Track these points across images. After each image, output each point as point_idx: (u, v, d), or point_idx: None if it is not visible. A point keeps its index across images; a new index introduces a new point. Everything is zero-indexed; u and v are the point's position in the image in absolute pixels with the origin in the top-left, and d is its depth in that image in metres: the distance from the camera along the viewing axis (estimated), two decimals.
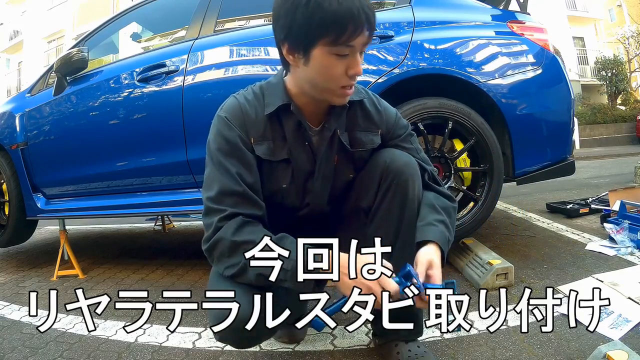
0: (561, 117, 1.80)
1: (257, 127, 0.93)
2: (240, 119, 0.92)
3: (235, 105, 0.94)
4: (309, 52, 0.83)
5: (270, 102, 0.93)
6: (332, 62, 0.82)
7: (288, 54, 0.86)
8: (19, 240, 2.54)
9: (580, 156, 8.07)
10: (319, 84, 0.87)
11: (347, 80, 0.86)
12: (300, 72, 0.88)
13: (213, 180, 0.90)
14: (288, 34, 0.83)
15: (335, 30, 0.78)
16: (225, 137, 0.91)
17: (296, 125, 0.95)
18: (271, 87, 0.96)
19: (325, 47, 0.81)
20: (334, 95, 0.89)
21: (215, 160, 0.91)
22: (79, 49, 2.05)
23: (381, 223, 0.98)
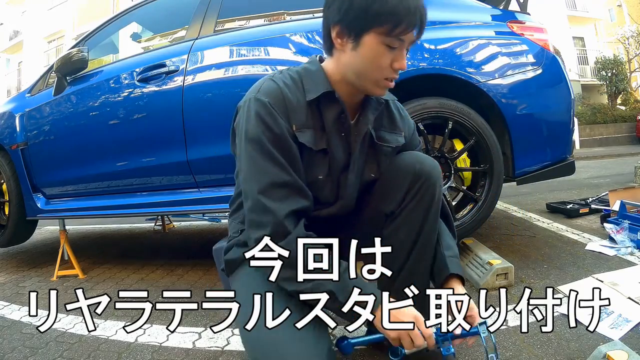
0: (561, 117, 1.80)
1: (299, 114, 0.88)
2: (282, 104, 0.87)
3: (275, 89, 0.88)
4: (360, 38, 0.83)
5: (311, 88, 0.90)
6: (382, 51, 0.83)
7: (337, 37, 0.86)
8: (19, 240, 2.54)
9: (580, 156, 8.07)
10: (364, 71, 0.86)
11: (391, 73, 0.86)
12: (345, 57, 0.87)
13: (259, 171, 0.84)
14: (343, 17, 0.83)
15: (392, 22, 0.80)
16: (267, 124, 0.84)
17: (337, 114, 0.92)
18: (310, 73, 0.92)
19: (377, 36, 0.82)
20: (375, 85, 0.88)
21: (259, 149, 0.84)
22: (79, 49, 2.05)
23: (403, 223, 0.98)
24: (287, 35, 1.83)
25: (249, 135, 0.85)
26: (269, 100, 0.86)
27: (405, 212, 0.98)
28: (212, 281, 1.86)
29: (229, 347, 1.25)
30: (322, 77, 0.91)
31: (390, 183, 1.00)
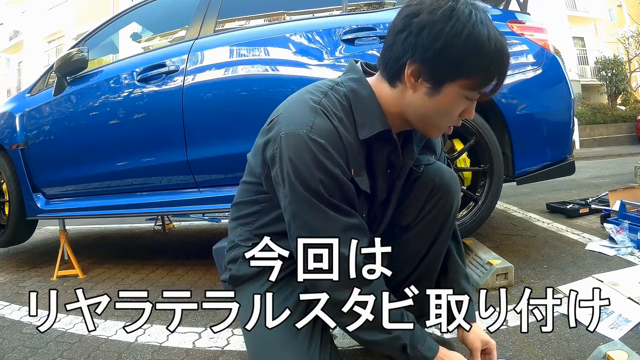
0: (561, 117, 1.80)
1: (356, 157, 0.80)
2: (340, 148, 0.77)
3: (330, 130, 0.76)
4: (441, 86, 0.73)
5: (365, 123, 0.79)
6: (459, 102, 0.76)
7: (411, 76, 0.75)
8: (19, 240, 2.54)
9: (580, 156, 8.07)
10: (431, 117, 0.79)
11: (457, 121, 0.80)
12: (414, 98, 0.77)
13: (323, 220, 0.76)
14: (429, 59, 0.72)
15: (484, 78, 0.73)
16: (330, 173, 0.75)
17: (388, 153, 0.85)
18: (361, 100, 0.81)
19: (460, 89, 0.73)
20: (434, 129, 0.82)
21: (318, 199, 0.75)
22: (79, 49, 2.06)
23: (417, 235, 0.97)
24: (287, 35, 1.83)
25: (304, 183, 0.75)
26: (327, 142, 0.75)
27: (420, 225, 0.96)
28: (212, 281, 1.86)
29: (229, 347, 1.25)
30: (377, 110, 0.80)
31: (409, 195, 0.96)
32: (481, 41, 0.69)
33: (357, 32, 1.75)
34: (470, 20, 0.69)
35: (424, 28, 0.71)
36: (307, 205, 0.76)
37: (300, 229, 0.77)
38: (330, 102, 0.79)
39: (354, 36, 1.75)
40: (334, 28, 1.79)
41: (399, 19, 0.76)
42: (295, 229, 0.78)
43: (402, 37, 0.74)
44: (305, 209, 0.76)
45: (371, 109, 0.80)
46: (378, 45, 1.71)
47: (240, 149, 1.76)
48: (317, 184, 0.74)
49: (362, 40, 1.74)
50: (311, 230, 0.76)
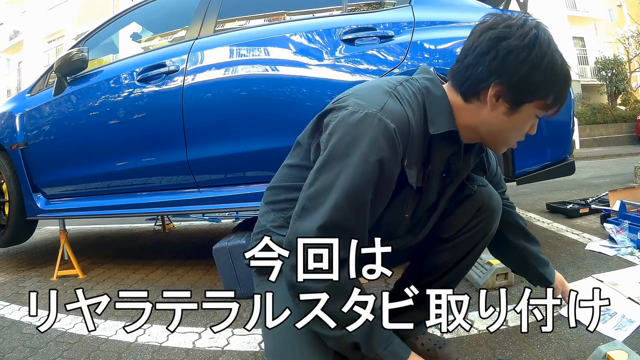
0: (561, 117, 1.77)
1: (415, 149, 0.79)
2: (405, 135, 0.75)
3: (403, 115, 0.75)
4: (519, 107, 0.78)
5: (435, 119, 0.80)
6: (530, 120, 0.81)
7: (493, 97, 0.77)
8: (19, 240, 2.54)
9: (580, 156, 8.07)
10: (504, 134, 0.82)
11: (522, 137, 0.85)
12: (491, 116, 0.79)
13: (338, 208, 0.71)
14: (513, 83, 0.75)
15: (556, 98, 0.78)
16: (384, 166, 0.72)
17: (449, 154, 0.85)
18: (434, 99, 0.82)
19: (534, 108, 0.78)
20: (502, 145, 0.86)
21: (355, 187, 0.71)
22: (79, 49, 2.06)
23: (452, 247, 1.00)
24: (287, 35, 1.83)
25: (354, 162, 0.71)
26: (396, 126, 0.73)
27: (458, 240, 0.99)
28: (212, 281, 1.86)
29: (229, 347, 1.25)
30: (448, 110, 0.81)
31: (455, 211, 0.98)
32: (557, 68, 0.76)
33: (357, 32, 1.75)
34: (550, 49, 0.75)
35: (511, 53, 0.74)
36: (339, 185, 0.71)
37: (314, 194, 0.72)
38: (405, 91, 0.80)
39: (354, 36, 1.75)
40: (334, 28, 1.79)
41: (483, 40, 0.77)
42: (304, 191, 0.74)
43: (487, 59, 0.76)
44: (331, 183, 0.71)
45: (443, 108, 0.81)
46: (378, 46, 1.71)
47: (241, 149, 1.76)
48: (365, 159, 0.70)
49: (362, 40, 1.74)
50: (317, 198, 0.72)
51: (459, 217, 0.98)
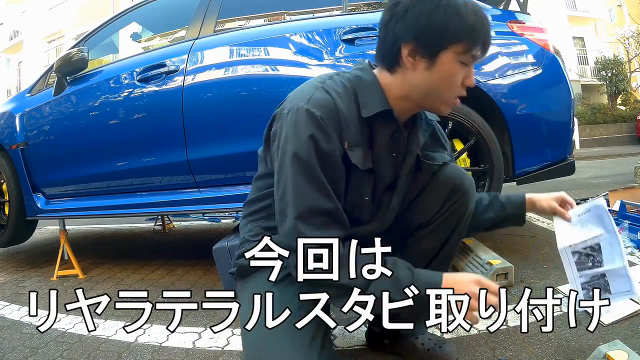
0: (561, 117, 1.80)
1: (352, 131, 0.82)
2: (336, 120, 0.80)
3: (328, 101, 0.80)
4: (436, 57, 0.79)
5: (367, 103, 0.84)
6: (457, 69, 0.80)
7: (409, 56, 0.80)
8: (19, 240, 2.54)
9: (580, 156, 8.07)
10: (436, 91, 0.83)
11: (460, 90, 0.84)
12: (416, 76, 0.82)
13: (301, 195, 0.77)
14: (419, 34, 0.78)
15: (471, 39, 0.78)
16: (318, 143, 0.77)
17: (390, 133, 0.87)
18: (364, 84, 0.86)
19: (454, 54, 0.79)
20: (444, 104, 0.85)
21: (304, 171, 0.77)
22: (79, 49, 2.06)
23: (431, 233, 0.99)
24: (287, 35, 1.83)
25: (295, 152, 0.77)
26: (322, 114, 0.78)
27: (435, 223, 0.99)
28: (212, 281, 1.86)
29: (229, 347, 1.25)
30: (379, 91, 0.85)
31: (427, 195, 0.99)
32: (458, 7, 0.77)
33: (357, 32, 1.75)
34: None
35: (407, 11, 0.80)
36: (290, 178, 0.78)
37: (280, 200, 0.80)
38: (334, 83, 0.84)
39: (354, 36, 1.75)
40: (334, 28, 1.79)
41: (385, 13, 0.85)
42: (278, 198, 0.81)
43: (391, 25, 0.82)
44: (289, 181, 0.78)
45: (373, 91, 0.85)
46: None
47: (241, 149, 1.76)
48: (307, 154, 0.77)
49: (362, 40, 1.74)
50: (282, 200, 0.79)
51: (432, 200, 0.98)
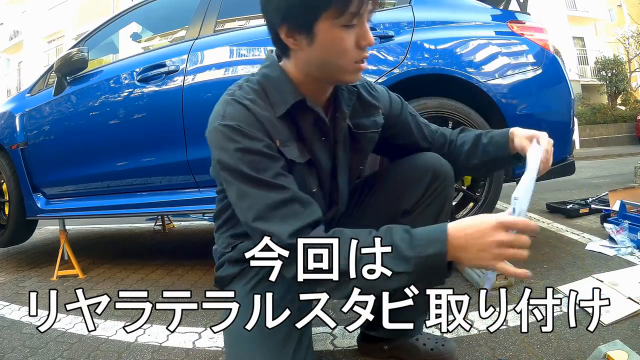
0: (561, 117, 1.80)
1: (279, 129, 0.80)
2: (255, 124, 0.78)
3: (242, 111, 0.78)
4: (312, 30, 0.74)
5: (278, 101, 0.81)
6: (341, 34, 0.74)
7: (288, 37, 0.77)
8: (19, 240, 2.54)
9: (580, 156, 8.08)
10: (329, 62, 0.77)
11: (359, 53, 0.77)
12: (304, 55, 0.79)
13: (250, 200, 0.75)
14: (286, 14, 0.74)
15: (340, 0, 0.71)
16: (245, 149, 0.75)
17: (313, 121, 0.85)
18: (273, 81, 0.83)
19: (330, 20, 0.72)
20: (347, 73, 0.79)
21: (242, 179, 0.75)
22: (79, 49, 2.06)
23: (416, 219, 0.97)
24: None
25: (229, 168, 0.76)
26: (239, 123, 0.76)
27: (420, 209, 0.98)
28: (212, 281, 1.84)
29: None
30: (287, 84, 0.82)
31: (408, 180, 0.98)
32: None
33: None
34: None
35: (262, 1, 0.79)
36: (234, 188, 0.77)
37: (236, 211, 0.79)
38: (243, 91, 0.82)
39: None
40: None
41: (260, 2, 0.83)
42: (239, 215, 0.79)
43: (265, 13, 0.80)
44: (234, 192, 0.77)
45: (281, 86, 0.82)
46: (378, 45, 1.71)
47: None
48: (236, 163, 0.75)
49: None
50: (236, 209, 0.79)
51: (414, 185, 0.97)
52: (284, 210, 0.74)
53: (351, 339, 1.23)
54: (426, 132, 1.05)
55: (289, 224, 0.72)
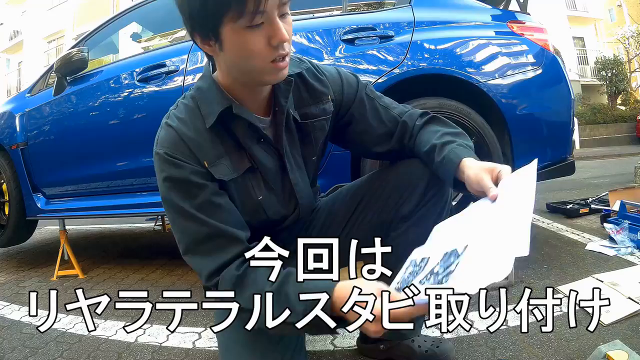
0: (561, 117, 1.80)
1: (205, 148, 0.79)
2: (181, 148, 0.78)
3: (170, 134, 0.80)
4: (219, 35, 0.72)
5: (208, 112, 0.80)
6: (246, 37, 0.70)
7: (203, 44, 0.76)
8: (19, 240, 2.54)
9: (580, 156, 8.07)
10: (243, 65, 0.75)
11: (272, 53, 0.73)
12: (222, 60, 0.78)
13: (180, 232, 0.80)
14: (193, 24, 0.73)
15: (235, 2, 0.67)
16: (171, 178, 0.77)
17: (246, 126, 0.82)
18: (203, 93, 0.83)
19: (232, 23, 0.69)
20: (265, 75, 0.76)
21: (172, 209, 0.79)
22: (79, 49, 2.06)
23: (415, 224, 0.94)
24: None
25: (160, 194, 0.80)
26: (167, 151, 0.78)
27: (419, 214, 0.95)
28: None
29: None
30: (216, 93, 0.81)
31: (405, 185, 0.94)
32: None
33: (357, 32, 1.75)
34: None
35: (179, 5, 0.75)
36: (169, 218, 0.80)
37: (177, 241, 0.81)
38: (178, 110, 0.84)
39: (354, 36, 1.75)
40: (334, 28, 1.79)
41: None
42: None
43: (184, 24, 0.78)
44: (171, 222, 0.81)
45: (211, 96, 0.81)
46: (378, 45, 1.71)
47: None
48: (166, 193, 0.78)
49: (362, 40, 1.74)
50: (179, 244, 0.81)
51: (411, 190, 0.93)
52: (208, 245, 0.77)
53: (351, 339, 1.23)
54: (384, 117, 0.95)
55: (212, 260, 0.76)
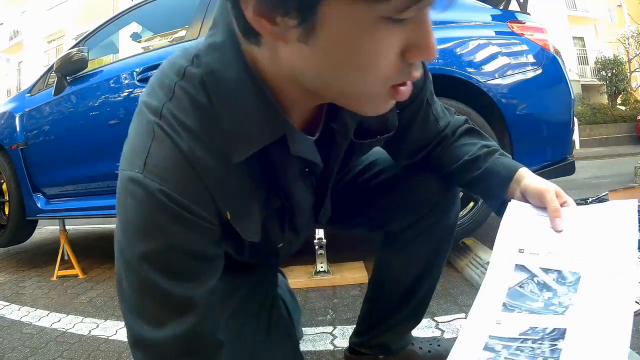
0: (561, 117, 1.80)
1: (228, 186, 0.49)
2: (196, 188, 0.47)
3: (175, 158, 0.46)
4: (313, 13, 0.36)
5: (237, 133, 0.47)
6: (377, 35, 0.38)
7: (260, 18, 0.38)
8: (19, 240, 2.54)
9: (580, 156, 8.07)
10: (343, 79, 0.41)
11: (403, 71, 0.42)
12: (292, 54, 0.41)
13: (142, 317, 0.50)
14: None
15: None
16: (173, 246, 0.47)
17: (297, 163, 0.54)
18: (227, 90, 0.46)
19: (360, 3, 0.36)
20: (371, 102, 0.45)
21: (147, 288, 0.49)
22: (79, 49, 2.06)
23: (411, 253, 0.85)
24: None
25: (124, 259, 0.50)
26: (170, 187, 0.45)
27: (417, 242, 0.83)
28: None
29: None
30: (257, 101, 0.46)
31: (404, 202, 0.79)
32: None
33: None
34: None
35: None
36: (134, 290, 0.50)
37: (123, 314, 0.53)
38: (179, 107, 0.48)
39: None
40: None
41: None
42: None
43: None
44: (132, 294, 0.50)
45: (246, 103, 0.46)
46: None
47: None
48: (143, 265, 0.47)
49: None
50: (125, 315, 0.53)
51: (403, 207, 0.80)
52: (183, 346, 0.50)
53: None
54: (431, 128, 0.75)
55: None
